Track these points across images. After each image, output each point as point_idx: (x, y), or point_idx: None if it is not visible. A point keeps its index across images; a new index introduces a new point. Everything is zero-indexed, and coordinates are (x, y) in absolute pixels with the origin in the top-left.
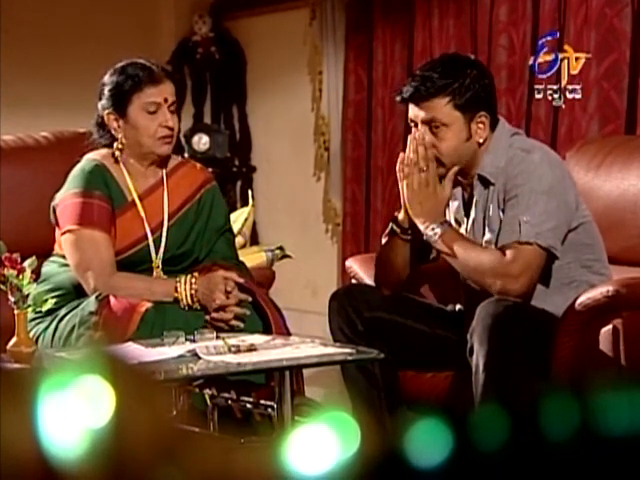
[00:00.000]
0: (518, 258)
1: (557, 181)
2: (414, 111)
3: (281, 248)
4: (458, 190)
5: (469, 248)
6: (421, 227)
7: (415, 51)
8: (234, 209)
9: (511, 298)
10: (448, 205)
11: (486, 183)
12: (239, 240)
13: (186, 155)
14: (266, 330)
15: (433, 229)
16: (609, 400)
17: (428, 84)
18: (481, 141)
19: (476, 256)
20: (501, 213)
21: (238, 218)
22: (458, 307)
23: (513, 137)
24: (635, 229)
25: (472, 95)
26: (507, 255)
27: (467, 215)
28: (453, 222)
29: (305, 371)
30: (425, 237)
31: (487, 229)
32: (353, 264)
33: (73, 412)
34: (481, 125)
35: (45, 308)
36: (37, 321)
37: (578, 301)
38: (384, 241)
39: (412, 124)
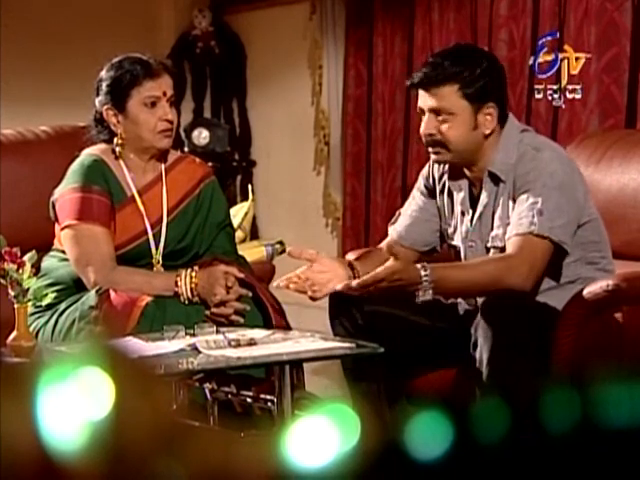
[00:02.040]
0: (527, 249)
1: (568, 178)
2: (423, 99)
3: (281, 242)
4: (464, 182)
5: (464, 272)
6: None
7: (415, 45)
8: (234, 203)
9: (517, 289)
10: (455, 196)
11: (496, 180)
12: (239, 234)
13: (186, 150)
14: (266, 324)
15: (423, 292)
16: (610, 393)
17: (439, 70)
18: (487, 132)
19: (476, 275)
20: (510, 209)
21: (238, 212)
22: (464, 304)
23: (523, 133)
24: (635, 223)
25: (481, 85)
26: (517, 249)
27: (473, 207)
28: (459, 213)
29: (305, 365)
30: (421, 299)
31: (495, 224)
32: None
33: (73, 404)
34: (489, 117)
35: (45, 302)
36: (37, 315)
37: (579, 295)
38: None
39: (420, 112)
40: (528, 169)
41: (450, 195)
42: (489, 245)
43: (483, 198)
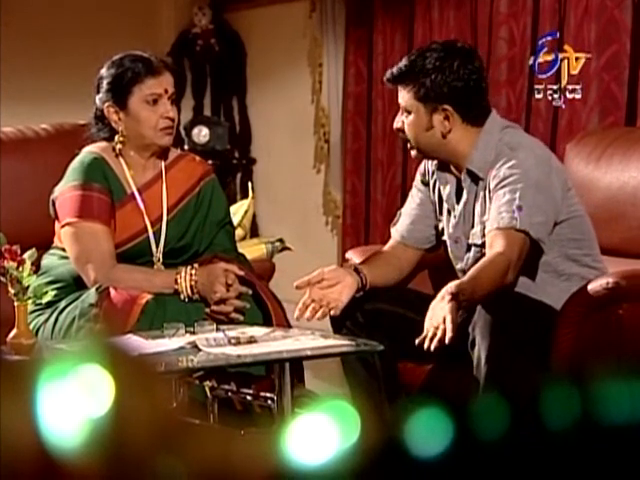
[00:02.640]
0: (514, 244)
1: (544, 177)
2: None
3: (281, 240)
4: (451, 178)
5: (479, 284)
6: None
7: (415, 43)
8: (234, 201)
9: (509, 284)
10: (443, 192)
11: (475, 178)
12: (239, 232)
13: (186, 147)
14: (266, 322)
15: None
16: (609, 390)
17: (402, 69)
18: (445, 132)
19: (486, 283)
20: (488, 207)
21: (238, 210)
22: None
23: (504, 130)
24: (635, 221)
25: (435, 87)
26: (502, 240)
27: (458, 202)
28: (445, 211)
29: (305, 363)
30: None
31: (475, 221)
32: (353, 256)
33: (73, 402)
34: (444, 118)
35: (45, 300)
36: (37, 313)
37: (578, 293)
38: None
39: None
40: (504, 168)
41: (439, 191)
42: (470, 242)
43: (464, 195)
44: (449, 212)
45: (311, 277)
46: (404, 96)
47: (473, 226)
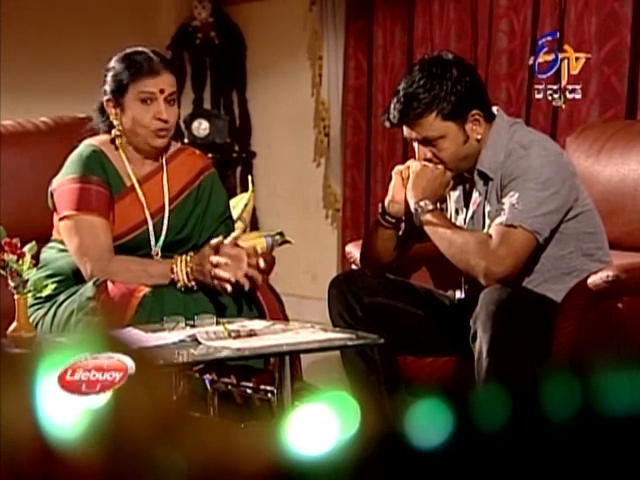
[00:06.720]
0: (504, 240)
1: (554, 174)
2: (407, 131)
3: (281, 234)
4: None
5: (456, 228)
6: (412, 201)
7: (415, 36)
8: (234, 195)
9: (483, 269)
10: (449, 195)
11: (485, 178)
12: (239, 225)
13: (185, 141)
14: (261, 316)
15: (425, 203)
16: (609, 382)
17: (414, 104)
18: (479, 137)
19: (463, 235)
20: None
21: (238, 204)
22: (458, 294)
23: (513, 127)
24: (635, 214)
25: (457, 100)
26: (493, 237)
27: (466, 206)
28: (453, 211)
29: (304, 358)
30: (414, 209)
31: (487, 222)
32: (353, 250)
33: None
34: (476, 123)
35: (45, 294)
36: (36, 307)
37: (578, 286)
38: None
39: (409, 140)
40: (515, 168)
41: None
42: None
43: (475, 197)
44: (457, 212)
45: None
46: (431, 125)
47: (484, 226)
